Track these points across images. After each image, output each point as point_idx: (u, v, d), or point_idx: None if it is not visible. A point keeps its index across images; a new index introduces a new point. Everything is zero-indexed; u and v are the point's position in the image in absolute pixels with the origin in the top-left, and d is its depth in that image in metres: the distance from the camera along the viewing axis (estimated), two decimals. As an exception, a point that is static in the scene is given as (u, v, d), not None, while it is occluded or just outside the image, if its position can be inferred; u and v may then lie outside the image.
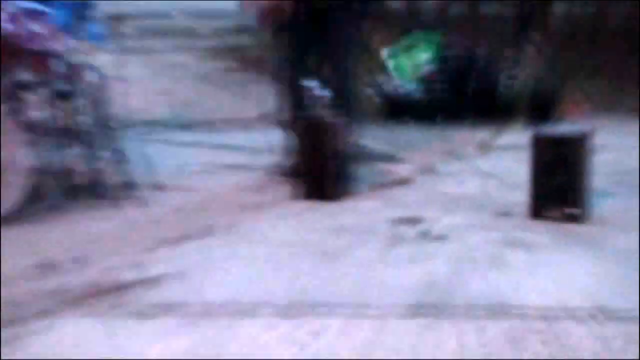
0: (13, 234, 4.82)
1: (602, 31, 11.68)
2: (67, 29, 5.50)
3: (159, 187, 5.75)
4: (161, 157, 5.99)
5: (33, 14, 5.31)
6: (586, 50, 10.63)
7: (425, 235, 4.95)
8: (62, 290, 4.00)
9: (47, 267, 4.32)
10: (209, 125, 8.06)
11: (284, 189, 5.79)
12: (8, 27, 5.21)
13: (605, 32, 11.54)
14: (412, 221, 5.19)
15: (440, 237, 4.90)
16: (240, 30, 9.77)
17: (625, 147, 7.12)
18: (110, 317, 3.69)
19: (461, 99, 8.42)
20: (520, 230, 4.99)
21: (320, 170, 5.60)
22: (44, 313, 3.68)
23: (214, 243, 4.81)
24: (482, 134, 7.82)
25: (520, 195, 5.27)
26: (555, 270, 4.35)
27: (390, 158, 6.71)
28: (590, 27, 11.85)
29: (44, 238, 4.81)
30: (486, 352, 3.38)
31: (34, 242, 4.74)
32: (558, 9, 12.58)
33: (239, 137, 7.21)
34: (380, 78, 8.79)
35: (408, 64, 8.94)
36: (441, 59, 8.85)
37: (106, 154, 5.63)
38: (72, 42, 5.54)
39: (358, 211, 5.42)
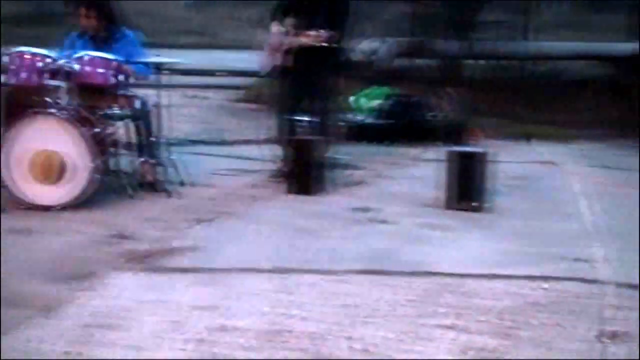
0: (98, 214, 4.77)
1: (498, 82, 11.74)
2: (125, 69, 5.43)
3: (186, 184, 5.66)
4: (188, 163, 5.91)
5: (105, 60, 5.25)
6: (486, 96, 10.66)
7: (373, 220, 4.89)
8: (117, 254, 3.95)
9: (118, 237, 4.29)
10: (223, 142, 7.99)
11: (278, 186, 5.72)
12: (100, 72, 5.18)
13: (501, 83, 11.61)
14: (365, 210, 5.12)
15: (384, 221, 4.84)
16: (251, 74, 9.66)
17: (512, 161, 7.10)
18: (153, 273, 3.67)
19: (401, 127, 8.43)
20: (438, 217, 4.94)
21: (303, 174, 5.55)
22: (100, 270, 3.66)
23: (224, 223, 4.72)
24: (414, 150, 7.79)
25: (439, 193, 5.23)
26: (461, 245, 4.32)
27: (351, 166, 6.66)
28: (490, 80, 11.90)
29: (118, 217, 4.73)
30: (412, 299, 3.36)
31: (111, 219, 4.67)
32: (467, 66, 12.68)
33: (245, 151, 7.13)
34: (347, 112, 8.80)
35: (367, 104, 8.97)
36: (389, 101, 8.87)
37: (148, 160, 5.56)
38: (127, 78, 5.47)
39: (328, 202, 5.34)
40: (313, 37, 5.50)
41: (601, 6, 15.27)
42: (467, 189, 5.13)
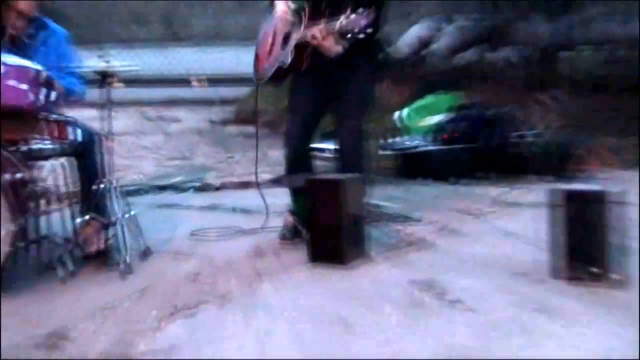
0: (22, 303, 4.71)
1: (616, 81, 11.70)
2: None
3: (152, 254, 5.61)
4: (155, 221, 5.88)
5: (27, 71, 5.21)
6: (598, 102, 10.62)
7: (442, 300, 4.82)
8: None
9: (58, 338, 4.21)
10: (205, 186, 7.99)
11: (297, 253, 5.70)
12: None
13: (620, 82, 11.56)
14: (429, 285, 5.07)
15: (460, 302, 4.75)
16: (242, 82, 9.72)
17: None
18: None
19: (475, 155, 8.43)
20: (543, 293, 4.86)
21: (332, 233, 5.51)
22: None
23: (228, 313, 4.65)
24: (497, 190, 7.78)
25: (541, 255, 5.17)
26: (585, 337, 4.17)
27: (404, 218, 6.65)
28: (602, 78, 11.85)
29: (53, 307, 4.68)
30: None
31: (44, 311, 4.62)
32: (567, 59, 12.64)
33: (239, 199, 7.11)
34: (394, 135, 8.83)
35: (421, 122, 9.00)
36: (453, 115, 8.89)
37: (93, 217, 5.51)
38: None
39: (372, 276, 5.30)
40: (343, 26, 5.42)
41: None
42: (583, 249, 5.06)
